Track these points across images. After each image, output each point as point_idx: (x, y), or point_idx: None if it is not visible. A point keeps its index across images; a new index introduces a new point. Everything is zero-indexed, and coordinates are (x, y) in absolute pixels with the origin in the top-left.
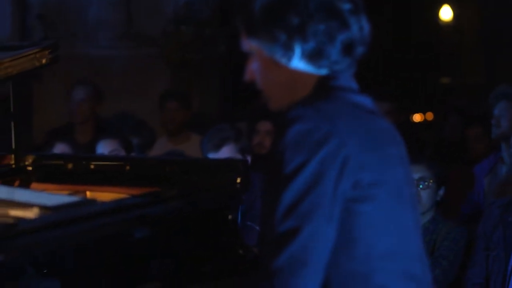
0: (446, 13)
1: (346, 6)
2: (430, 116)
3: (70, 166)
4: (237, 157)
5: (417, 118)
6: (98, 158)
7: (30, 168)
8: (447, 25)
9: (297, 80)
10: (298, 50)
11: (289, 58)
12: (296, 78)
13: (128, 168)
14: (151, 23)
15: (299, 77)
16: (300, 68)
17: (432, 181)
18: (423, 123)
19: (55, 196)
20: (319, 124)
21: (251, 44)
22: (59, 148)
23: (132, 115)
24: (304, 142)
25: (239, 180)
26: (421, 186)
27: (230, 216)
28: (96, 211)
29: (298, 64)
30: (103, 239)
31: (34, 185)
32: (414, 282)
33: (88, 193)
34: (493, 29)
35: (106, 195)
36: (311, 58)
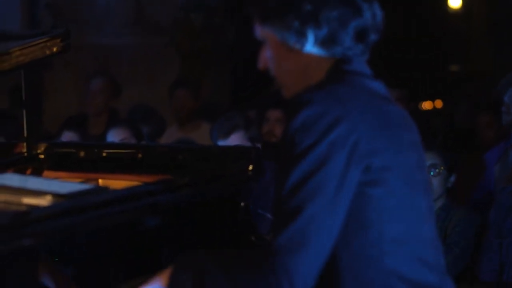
0: (455, 0)
1: None
2: (439, 103)
3: (82, 154)
4: (247, 144)
5: (426, 105)
6: (110, 145)
7: (42, 156)
8: (456, 12)
9: (310, 67)
10: (311, 37)
11: (302, 44)
12: (309, 65)
13: (140, 155)
14: (161, 11)
15: (312, 63)
16: (314, 54)
17: (443, 168)
18: (432, 110)
19: (68, 183)
20: (330, 108)
21: (264, 31)
22: (67, 136)
23: (142, 103)
24: (314, 126)
25: (251, 167)
26: (432, 173)
27: (242, 204)
28: (109, 198)
29: (312, 51)
30: (117, 226)
31: (46, 173)
32: (425, 267)
33: (101, 180)
34: (502, 16)
35: (118, 182)
36: (324, 44)
